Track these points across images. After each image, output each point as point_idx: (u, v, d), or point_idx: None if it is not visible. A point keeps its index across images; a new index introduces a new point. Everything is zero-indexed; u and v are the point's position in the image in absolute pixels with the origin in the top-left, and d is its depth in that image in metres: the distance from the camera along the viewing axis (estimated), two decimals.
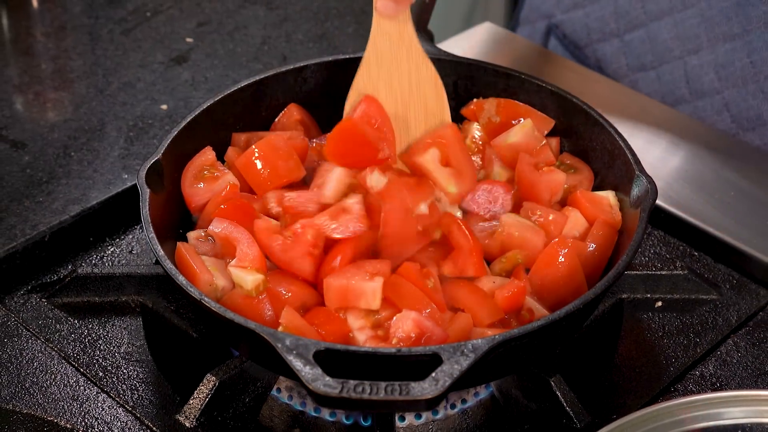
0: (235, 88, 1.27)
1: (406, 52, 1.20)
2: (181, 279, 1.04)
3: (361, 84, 1.21)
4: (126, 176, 1.36)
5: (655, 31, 1.55)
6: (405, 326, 1.04)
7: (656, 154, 1.39)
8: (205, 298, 1.01)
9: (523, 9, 1.75)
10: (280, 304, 1.07)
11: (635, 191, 1.13)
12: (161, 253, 1.06)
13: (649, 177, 1.12)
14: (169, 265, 1.05)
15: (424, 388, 0.92)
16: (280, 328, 1.03)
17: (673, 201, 1.31)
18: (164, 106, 1.49)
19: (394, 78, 1.21)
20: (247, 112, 1.28)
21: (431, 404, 0.92)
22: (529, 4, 1.74)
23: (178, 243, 1.13)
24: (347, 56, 1.30)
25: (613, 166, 1.19)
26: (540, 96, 1.27)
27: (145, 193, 1.11)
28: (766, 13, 1.43)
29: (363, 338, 1.05)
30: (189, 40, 1.63)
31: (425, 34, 1.33)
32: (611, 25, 1.60)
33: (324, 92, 1.31)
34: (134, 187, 1.13)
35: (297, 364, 0.93)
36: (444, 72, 1.27)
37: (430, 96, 1.22)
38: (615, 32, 1.60)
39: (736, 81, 1.48)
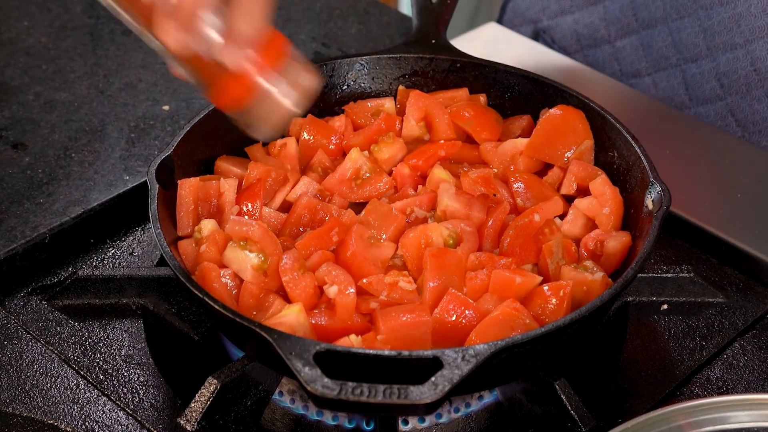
0: None
1: None
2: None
3: None
4: (127, 177, 1.35)
5: (648, 38, 1.54)
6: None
7: (663, 156, 1.36)
8: (209, 297, 1.01)
9: (506, 13, 1.72)
10: None
11: (650, 198, 1.13)
12: (167, 249, 1.06)
13: (664, 184, 1.11)
14: (175, 261, 1.05)
15: (422, 392, 0.91)
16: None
17: (679, 203, 1.30)
18: (166, 107, 1.49)
19: None
20: None
21: (430, 409, 0.92)
22: (512, 9, 1.70)
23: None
24: (350, 56, 1.30)
25: (629, 171, 1.19)
26: (556, 100, 1.27)
27: (155, 188, 1.11)
28: None
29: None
30: None
31: (444, 35, 1.34)
32: (602, 32, 1.58)
33: (326, 92, 1.32)
34: (135, 189, 1.14)
35: (297, 364, 0.93)
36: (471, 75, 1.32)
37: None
38: (606, 38, 1.58)
39: (740, 88, 1.46)
